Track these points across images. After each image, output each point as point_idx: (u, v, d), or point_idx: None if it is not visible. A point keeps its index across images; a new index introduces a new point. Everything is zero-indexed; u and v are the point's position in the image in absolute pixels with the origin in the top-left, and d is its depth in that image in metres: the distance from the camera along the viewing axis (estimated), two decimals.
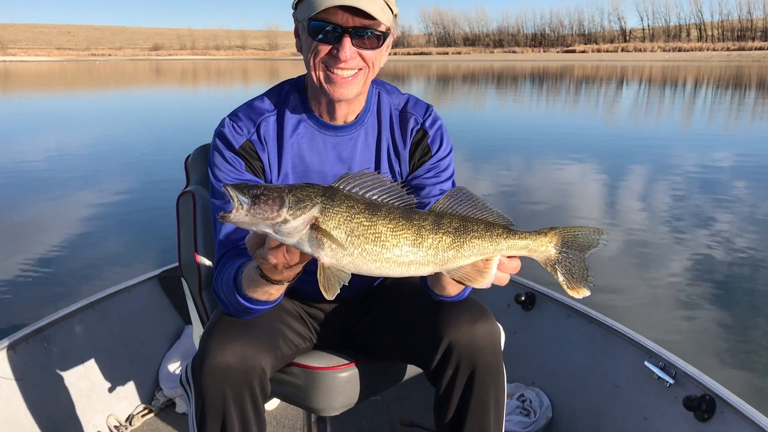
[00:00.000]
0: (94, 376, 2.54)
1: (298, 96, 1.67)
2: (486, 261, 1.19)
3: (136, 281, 2.84)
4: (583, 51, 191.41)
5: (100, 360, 2.57)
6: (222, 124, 1.65)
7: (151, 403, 2.70)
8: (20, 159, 10.71)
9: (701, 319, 4.21)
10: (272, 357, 1.52)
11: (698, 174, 9.21)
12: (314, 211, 1.09)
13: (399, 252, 1.14)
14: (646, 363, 2.22)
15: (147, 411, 2.65)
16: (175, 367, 2.74)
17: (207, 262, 1.91)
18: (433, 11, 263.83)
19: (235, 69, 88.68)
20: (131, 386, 2.67)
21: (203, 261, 1.91)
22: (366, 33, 1.48)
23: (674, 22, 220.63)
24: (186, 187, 2.02)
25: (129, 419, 2.59)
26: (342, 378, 1.68)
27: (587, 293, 1.22)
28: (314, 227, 1.10)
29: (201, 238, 1.91)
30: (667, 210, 7.05)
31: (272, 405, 2.68)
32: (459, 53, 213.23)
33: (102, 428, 2.50)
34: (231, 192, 1.09)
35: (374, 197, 1.15)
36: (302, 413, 2.34)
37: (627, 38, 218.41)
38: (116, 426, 2.52)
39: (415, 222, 1.15)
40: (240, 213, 1.08)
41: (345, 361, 1.71)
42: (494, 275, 1.20)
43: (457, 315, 1.54)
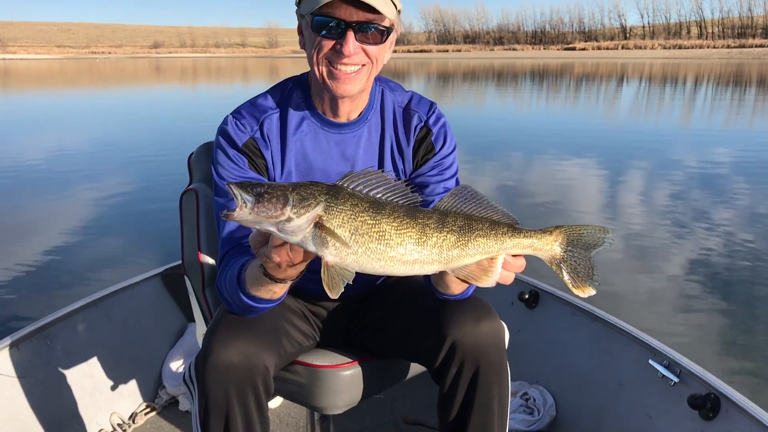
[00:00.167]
0: (98, 374, 2.54)
1: (302, 93, 1.67)
2: (491, 260, 1.19)
3: (139, 279, 2.84)
4: (584, 48, 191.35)
5: (103, 358, 2.57)
6: (225, 122, 1.64)
7: (154, 401, 2.70)
8: (22, 157, 10.70)
9: (705, 317, 4.20)
10: (275, 355, 1.52)
11: (699, 171, 9.19)
12: (318, 210, 1.09)
13: (403, 250, 1.13)
14: (651, 361, 2.21)
15: (150, 409, 2.65)
16: (178, 365, 2.74)
17: (210, 260, 1.91)
18: (433, 9, 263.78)
19: (236, 67, 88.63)
20: (134, 384, 2.67)
21: (206, 259, 1.90)
22: (369, 28, 1.47)
23: (675, 20, 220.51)
24: (189, 185, 2.02)
25: (132, 417, 2.59)
26: (345, 376, 1.68)
27: (593, 292, 1.22)
28: (318, 225, 1.09)
29: (204, 236, 1.91)
30: (669, 207, 7.04)
31: (275, 403, 2.68)
32: (459, 51, 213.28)
33: (105, 426, 2.50)
34: (235, 190, 1.09)
35: (378, 195, 1.14)
36: (305, 411, 2.35)
37: (627, 36, 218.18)
38: (119, 424, 2.53)
39: (420, 220, 1.14)
40: (244, 211, 1.08)
41: (348, 360, 1.71)
42: (499, 274, 1.19)
43: (461, 313, 1.54)
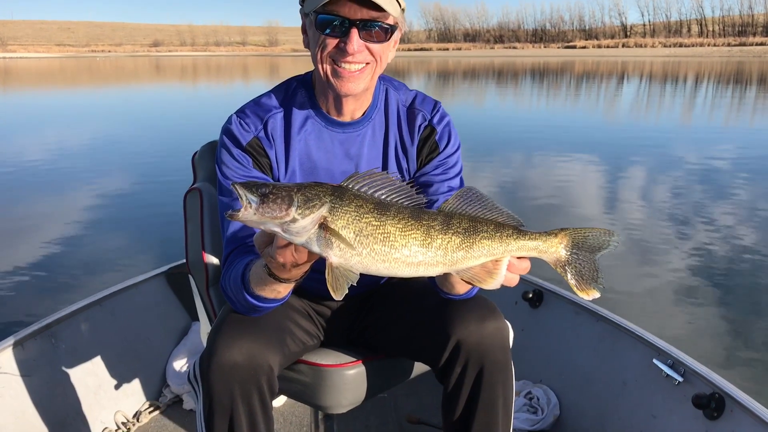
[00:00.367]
0: (102, 373, 2.55)
1: (306, 92, 1.67)
2: (495, 262, 1.18)
3: (144, 278, 2.84)
4: (584, 47, 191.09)
5: (108, 356, 2.58)
6: (229, 121, 1.64)
7: (158, 400, 2.71)
8: (24, 156, 10.72)
9: (708, 316, 4.19)
10: (280, 354, 1.52)
11: (700, 169, 9.20)
12: (323, 211, 1.09)
13: (408, 252, 1.13)
14: (655, 361, 2.20)
15: (154, 408, 2.65)
16: (182, 364, 2.74)
17: (214, 259, 1.91)
18: (434, 7, 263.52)
19: (236, 65, 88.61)
20: (138, 383, 2.68)
21: (210, 258, 1.91)
22: (374, 26, 1.47)
23: (675, 18, 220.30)
24: (193, 184, 2.02)
25: (136, 416, 2.60)
26: (349, 375, 1.68)
27: (597, 295, 1.22)
28: (323, 226, 1.09)
29: (208, 235, 1.91)
30: (670, 205, 7.03)
31: (279, 402, 2.68)
32: (459, 49, 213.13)
33: (109, 425, 2.50)
34: (240, 190, 1.08)
35: (383, 197, 1.14)
36: (309, 410, 2.34)
37: (628, 34, 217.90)
38: (123, 422, 2.53)
39: (425, 222, 1.14)
40: (248, 212, 1.07)
41: (352, 359, 1.71)
42: (504, 276, 1.19)
43: (466, 313, 1.54)
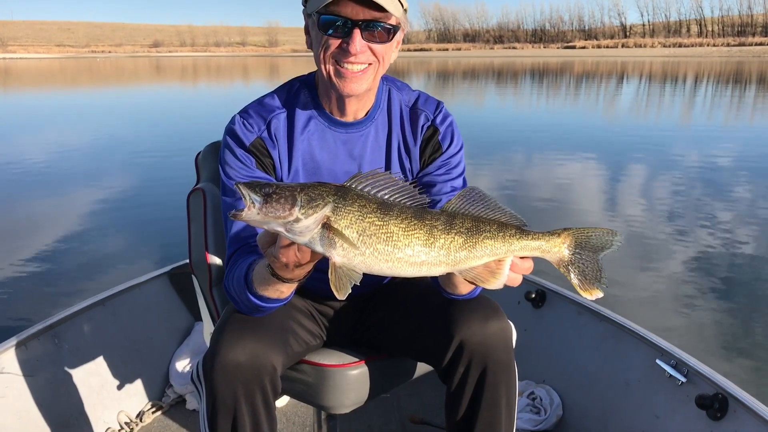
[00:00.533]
0: (105, 373, 2.55)
1: (309, 93, 1.67)
2: (498, 262, 1.18)
3: (147, 278, 2.85)
4: (584, 47, 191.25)
5: (111, 356, 2.58)
6: (232, 122, 1.65)
7: (161, 400, 2.71)
8: (25, 157, 10.69)
9: (711, 317, 4.18)
10: (283, 354, 1.52)
11: (700, 168, 9.20)
12: (326, 210, 1.09)
13: (411, 252, 1.13)
14: (658, 361, 2.20)
15: (157, 408, 2.66)
16: (185, 364, 2.74)
17: (217, 259, 1.91)
18: (433, 7, 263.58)
19: (236, 65, 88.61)
20: (141, 383, 2.68)
21: (214, 258, 1.91)
22: (376, 26, 1.47)
23: (674, 18, 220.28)
24: (196, 185, 2.03)
25: (139, 416, 2.60)
26: (352, 375, 1.68)
27: (600, 294, 1.22)
28: (326, 226, 1.09)
29: (211, 236, 1.92)
30: (670, 205, 7.02)
31: (282, 402, 2.69)
32: (459, 49, 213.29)
33: (112, 425, 2.51)
34: (243, 190, 1.09)
35: (386, 197, 1.14)
36: (312, 410, 2.34)
37: (627, 34, 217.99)
38: (126, 422, 2.53)
39: (428, 222, 1.14)
40: (252, 211, 1.08)
41: (355, 359, 1.71)
42: (507, 276, 1.19)
43: (469, 313, 1.54)
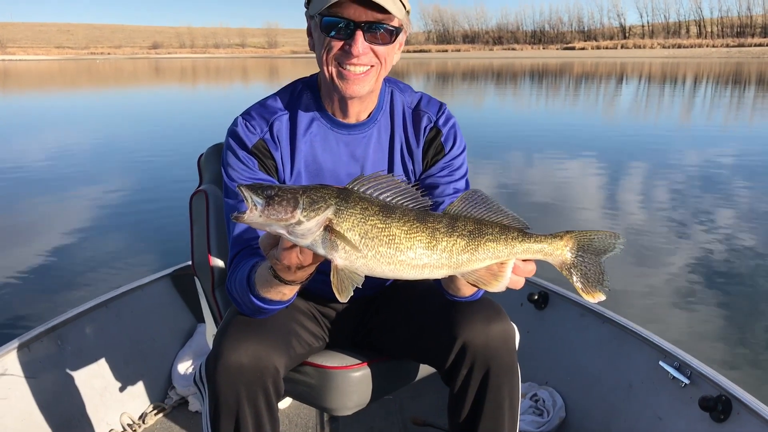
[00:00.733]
0: (108, 375, 2.55)
1: (311, 94, 1.67)
2: (501, 264, 1.18)
3: (149, 280, 2.85)
4: (583, 48, 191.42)
5: (114, 358, 2.58)
6: (235, 123, 1.65)
7: (164, 402, 2.71)
8: (26, 159, 10.68)
9: (713, 318, 4.16)
10: (286, 356, 1.52)
11: (700, 169, 9.20)
12: (328, 213, 1.09)
13: (413, 255, 1.13)
14: (661, 363, 2.20)
15: (160, 409, 2.66)
16: (188, 366, 2.75)
17: (220, 261, 1.91)
18: (433, 9, 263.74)
19: (236, 67, 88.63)
20: (144, 384, 2.68)
21: (216, 260, 1.91)
22: (378, 28, 1.47)
23: (674, 19, 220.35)
24: (199, 186, 2.03)
25: (142, 417, 2.60)
26: (355, 377, 1.68)
27: (603, 297, 1.22)
28: (328, 229, 1.09)
29: (214, 237, 1.92)
30: (670, 206, 7.01)
31: (285, 404, 2.68)
32: (458, 50, 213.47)
33: (115, 426, 2.51)
34: (245, 192, 1.09)
35: (388, 199, 1.14)
36: (315, 412, 2.35)
37: (626, 35, 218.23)
38: (129, 424, 2.54)
39: (430, 224, 1.14)
40: (254, 214, 1.08)
41: (358, 361, 1.71)
42: (509, 279, 1.19)
43: (472, 315, 1.54)
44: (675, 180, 8.43)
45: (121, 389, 2.58)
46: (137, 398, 2.64)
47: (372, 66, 1.53)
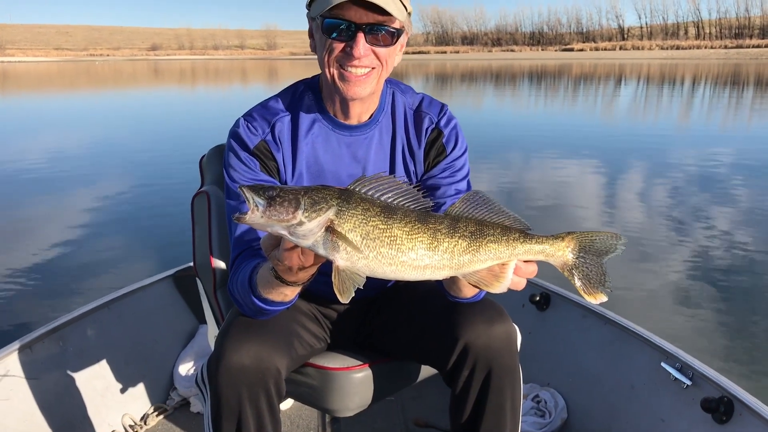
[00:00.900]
0: (109, 376, 2.55)
1: (313, 96, 1.67)
2: (502, 265, 1.18)
3: (151, 281, 2.85)
4: (581, 49, 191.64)
5: (115, 359, 2.58)
6: (237, 125, 1.65)
7: (166, 403, 2.71)
8: (26, 161, 10.67)
9: (715, 319, 4.16)
10: (287, 358, 1.52)
11: (698, 170, 9.21)
12: (329, 214, 1.09)
13: (414, 255, 1.13)
14: (663, 364, 2.20)
15: (161, 410, 2.66)
16: (190, 367, 2.75)
17: (222, 262, 1.91)
18: (431, 10, 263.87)
19: (235, 68, 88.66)
20: (146, 385, 2.68)
21: (218, 261, 1.91)
22: (380, 30, 1.48)
23: (672, 20, 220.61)
24: (201, 188, 2.03)
25: (144, 418, 2.60)
26: (357, 379, 1.68)
27: (604, 299, 1.22)
28: (329, 229, 1.09)
29: (216, 239, 1.92)
30: (668, 208, 7.01)
31: (287, 405, 2.68)
32: (457, 52, 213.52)
33: (117, 427, 2.51)
34: (246, 193, 1.09)
35: (390, 200, 1.14)
36: (317, 413, 2.35)
37: (625, 36, 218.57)
38: (131, 425, 2.53)
39: (431, 225, 1.14)
40: (255, 214, 1.08)
41: (359, 362, 1.71)
42: (510, 280, 1.19)
43: (474, 316, 1.54)
44: (674, 181, 8.44)
45: (123, 390, 2.58)
46: (139, 399, 2.64)
47: (373, 68, 1.53)
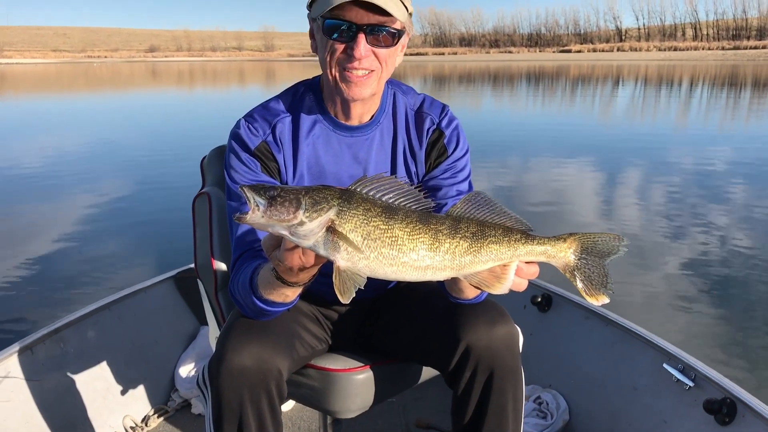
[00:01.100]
0: (110, 377, 2.55)
1: (314, 96, 1.67)
2: (503, 266, 1.18)
3: (152, 282, 2.85)
4: (579, 51, 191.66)
5: (116, 361, 2.58)
6: (237, 126, 1.64)
7: (167, 404, 2.71)
8: (26, 162, 10.69)
9: (717, 320, 4.15)
10: (289, 359, 1.51)
11: (696, 171, 9.23)
12: (330, 214, 1.08)
13: (415, 256, 1.12)
14: (665, 365, 2.19)
15: (162, 412, 2.66)
16: (191, 368, 2.74)
17: (223, 264, 1.91)
18: (429, 12, 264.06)
19: (233, 70, 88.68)
20: (147, 387, 2.68)
21: (219, 262, 1.91)
22: (381, 30, 1.47)
23: (669, 22, 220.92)
24: (202, 189, 2.03)
25: (145, 420, 2.60)
26: (358, 380, 1.68)
27: (607, 300, 1.21)
28: (330, 230, 1.09)
29: (217, 240, 1.92)
30: (668, 208, 7.01)
31: (288, 406, 2.68)
32: (455, 53, 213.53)
33: (118, 429, 2.51)
34: (247, 193, 1.08)
35: (391, 200, 1.13)
36: (318, 415, 2.34)
37: (623, 38, 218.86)
38: (132, 427, 2.53)
39: (432, 226, 1.13)
40: (256, 214, 1.07)
41: (361, 363, 1.70)
42: (512, 281, 1.18)
43: (475, 317, 1.53)
44: (673, 181, 8.45)
45: (124, 392, 2.58)
46: (140, 401, 2.64)
47: (374, 69, 1.52)
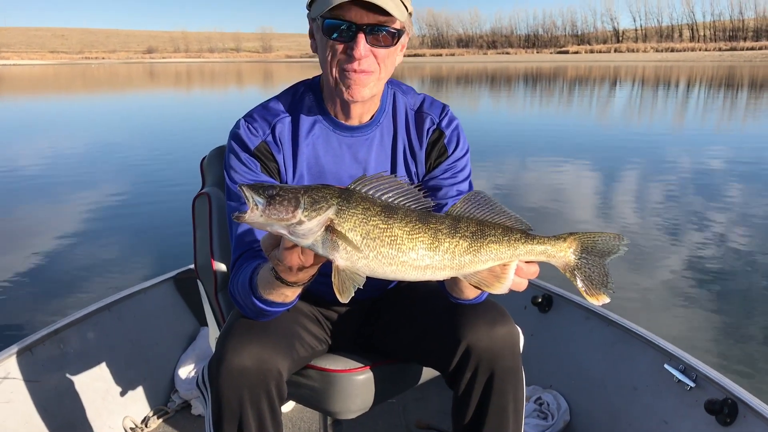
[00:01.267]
0: (110, 378, 2.55)
1: (314, 96, 1.66)
2: (503, 266, 1.17)
3: (152, 283, 2.84)
4: (576, 52, 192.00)
5: (116, 362, 2.58)
6: (237, 126, 1.64)
7: (167, 405, 2.70)
8: (26, 163, 10.68)
9: (718, 320, 4.14)
10: (289, 359, 1.51)
11: (694, 171, 9.23)
12: (329, 213, 1.08)
13: (415, 256, 1.12)
14: (666, 366, 2.18)
15: (162, 413, 2.65)
16: (191, 369, 2.74)
17: (223, 264, 1.90)
18: (427, 13, 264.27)
19: (231, 71, 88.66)
20: (147, 388, 2.67)
21: (219, 263, 1.90)
22: (381, 30, 1.47)
23: (666, 23, 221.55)
24: (202, 189, 2.02)
25: (145, 421, 2.59)
26: (358, 381, 1.67)
27: (607, 300, 1.20)
28: (329, 229, 1.08)
29: (217, 240, 1.91)
30: (667, 209, 7.00)
31: (288, 407, 2.68)
32: (452, 55, 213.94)
33: (118, 430, 2.50)
34: (246, 192, 1.08)
35: (391, 200, 1.13)
36: (318, 416, 2.34)
37: (620, 39, 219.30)
38: (132, 428, 2.53)
39: (432, 225, 1.13)
40: (255, 213, 1.07)
41: (361, 364, 1.70)
42: (512, 281, 1.18)
43: (476, 317, 1.53)
44: (671, 181, 8.46)
45: (124, 393, 2.57)
46: (140, 402, 2.63)
47: (373, 70, 1.52)
